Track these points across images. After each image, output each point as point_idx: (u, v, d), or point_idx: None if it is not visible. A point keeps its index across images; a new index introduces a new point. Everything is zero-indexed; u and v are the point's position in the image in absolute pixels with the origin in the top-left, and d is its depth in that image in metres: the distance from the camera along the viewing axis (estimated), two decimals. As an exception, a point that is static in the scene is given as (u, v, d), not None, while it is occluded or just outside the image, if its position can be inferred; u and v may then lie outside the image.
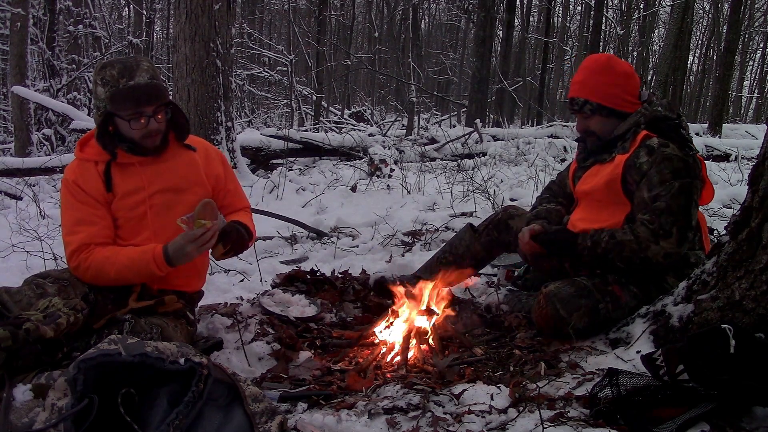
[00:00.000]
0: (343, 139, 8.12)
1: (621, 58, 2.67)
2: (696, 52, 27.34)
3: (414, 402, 1.74)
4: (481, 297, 2.94)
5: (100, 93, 2.06)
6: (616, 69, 2.35)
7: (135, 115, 2.07)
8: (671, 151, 2.22)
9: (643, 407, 1.58)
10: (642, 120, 2.32)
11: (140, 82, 2.04)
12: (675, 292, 2.06)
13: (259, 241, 3.88)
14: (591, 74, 2.36)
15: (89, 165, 2.16)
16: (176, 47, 5.26)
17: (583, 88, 2.37)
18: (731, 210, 2.35)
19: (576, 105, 2.40)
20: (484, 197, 4.96)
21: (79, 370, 1.30)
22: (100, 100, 2.07)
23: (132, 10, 18.14)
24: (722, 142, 8.82)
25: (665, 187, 2.19)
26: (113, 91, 2.03)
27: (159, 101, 2.10)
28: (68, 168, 2.20)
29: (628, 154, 2.28)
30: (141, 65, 2.08)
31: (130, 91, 2.03)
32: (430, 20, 27.33)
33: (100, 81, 2.05)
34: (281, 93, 18.77)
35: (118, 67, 2.05)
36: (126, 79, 2.03)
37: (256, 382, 1.98)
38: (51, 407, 1.29)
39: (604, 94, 2.34)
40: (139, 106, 2.06)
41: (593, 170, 2.43)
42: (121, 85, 2.03)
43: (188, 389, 1.36)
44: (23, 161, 6.25)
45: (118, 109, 2.06)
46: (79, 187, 2.14)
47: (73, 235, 2.11)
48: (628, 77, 2.37)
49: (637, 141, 2.28)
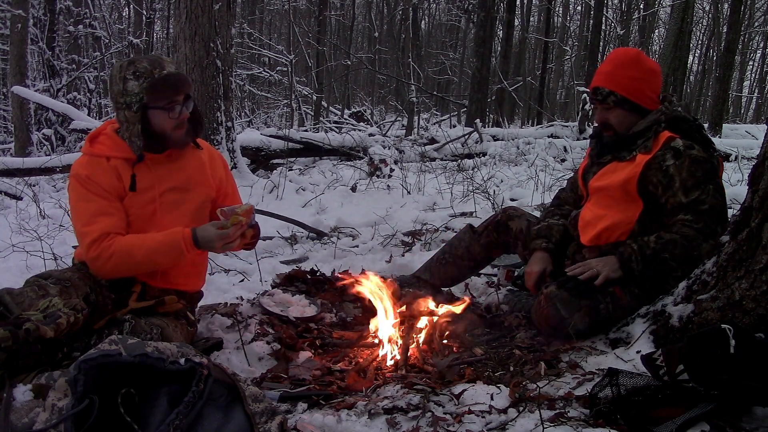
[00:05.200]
0: (343, 139, 8.12)
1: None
2: (696, 52, 27.36)
3: (414, 402, 1.74)
4: (481, 297, 2.94)
5: (133, 87, 2.07)
6: (644, 65, 2.34)
7: (172, 104, 2.12)
8: (698, 154, 2.21)
9: (643, 407, 1.58)
10: (662, 119, 2.30)
11: (172, 71, 2.12)
12: (675, 292, 2.06)
13: (259, 241, 3.87)
14: (619, 67, 2.33)
15: (101, 160, 2.17)
16: (176, 47, 5.26)
17: (610, 79, 2.34)
18: (731, 210, 2.35)
19: (600, 95, 2.36)
20: (484, 197, 4.96)
21: (79, 371, 1.30)
22: (134, 94, 2.08)
23: (132, 10, 18.14)
24: (722, 142, 8.82)
25: (702, 190, 2.19)
26: (150, 81, 2.07)
27: (189, 90, 2.17)
28: (78, 164, 2.20)
29: (650, 154, 2.26)
30: (164, 58, 2.17)
31: (167, 79, 2.09)
32: (430, 20, 27.34)
33: (132, 75, 2.07)
34: (281, 93, 18.78)
35: (147, 61, 2.11)
36: (159, 69, 2.09)
37: (256, 382, 1.99)
38: (51, 407, 1.29)
39: (630, 88, 2.31)
40: (177, 94, 2.12)
41: (611, 167, 2.39)
42: (157, 74, 2.08)
43: (188, 389, 1.36)
44: (23, 161, 6.24)
45: (157, 98, 2.09)
46: (93, 181, 2.14)
47: (92, 225, 2.10)
48: (655, 74, 2.35)
49: (660, 142, 2.26)
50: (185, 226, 2.16)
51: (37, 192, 5.48)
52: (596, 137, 2.52)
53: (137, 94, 2.08)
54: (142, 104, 2.09)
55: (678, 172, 2.20)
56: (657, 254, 2.19)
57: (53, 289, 1.93)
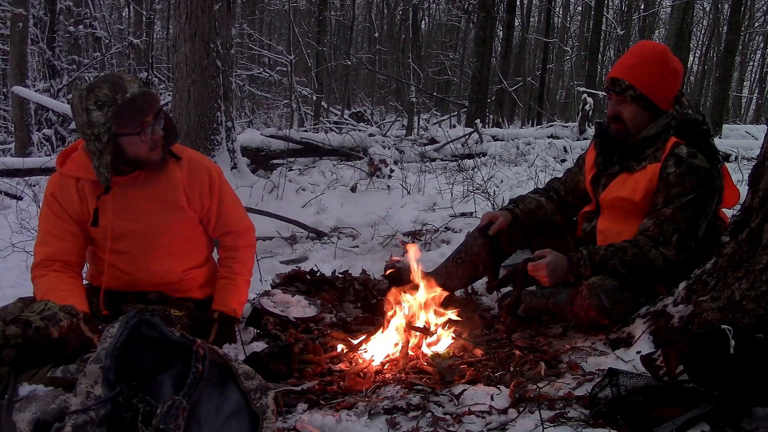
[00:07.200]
0: (343, 140, 8.10)
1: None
2: (696, 53, 27.34)
3: (414, 402, 1.74)
4: (482, 297, 2.94)
5: (98, 117, 1.95)
6: (670, 64, 2.28)
7: (143, 126, 2.01)
8: (699, 163, 2.19)
9: (643, 407, 1.58)
10: (673, 123, 2.26)
11: (135, 93, 1.99)
12: (675, 293, 2.06)
13: (259, 241, 3.88)
14: (644, 62, 2.26)
15: (70, 181, 2.14)
16: (176, 47, 5.25)
17: (632, 72, 2.26)
18: (731, 210, 2.35)
19: (618, 87, 2.29)
20: (484, 197, 4.95)
21: (111, 358, 1.40)
22: (100, 125, 1.96)
23: (132, 11, 18.13)
24: (722, 142, 8.81)
25: (679, 196, 2.18)
26: (115, 109, 1.95)
27: (157, 106, 2.06)
28: (50, 180, 2.20)
29: (660, 163, 2.24)
30: (124, 77, 2.02)
31: (133, 104, 1.97)
32: (430, 20, 27.31)
33: (95, 105, 1.95)
34: (281, 93, 18.76)
35: (107, 86, 1.97)
36: (121, 93, 1.96)
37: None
38: (86, 394, 1.36)
39: (651, 86, 2.25)
40: (146, 115, 2.01)
41: (620, 179, 2.36)
42: (120, 101, 1.96)
43: (188, 371, 1.44)
44: (23, 161, 6.23)
45: (125, 125, 1.98)
46: (56, 200, 2.13)
47: (41, 246, 2.14)
48: (677, 75, 2.30)
49: (667, 148, 2.23)
50: (161, 256, 2.18)
51: (38, 192, 5.47)
52: (600, 136, 2.48)
53: (104, 125, 1.96)
54: (111, 134, 1.97)
55: (674, 179, 2.20)
56: (606, 261, 2.23)
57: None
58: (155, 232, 2.19)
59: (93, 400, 1.34)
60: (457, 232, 4.11)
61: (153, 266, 2.21)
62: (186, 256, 2.30)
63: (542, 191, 2.75)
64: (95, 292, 2.23)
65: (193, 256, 2.34)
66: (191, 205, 2.23)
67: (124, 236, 2.16)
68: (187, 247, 2.30)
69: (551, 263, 2.28)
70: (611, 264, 2.23)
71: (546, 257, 2.31)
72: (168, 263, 2.24)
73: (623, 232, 2.34)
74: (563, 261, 2.29)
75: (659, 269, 2.20)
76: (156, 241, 2.20)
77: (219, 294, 2.32)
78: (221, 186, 2.31)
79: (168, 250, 2.23)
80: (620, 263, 2.22)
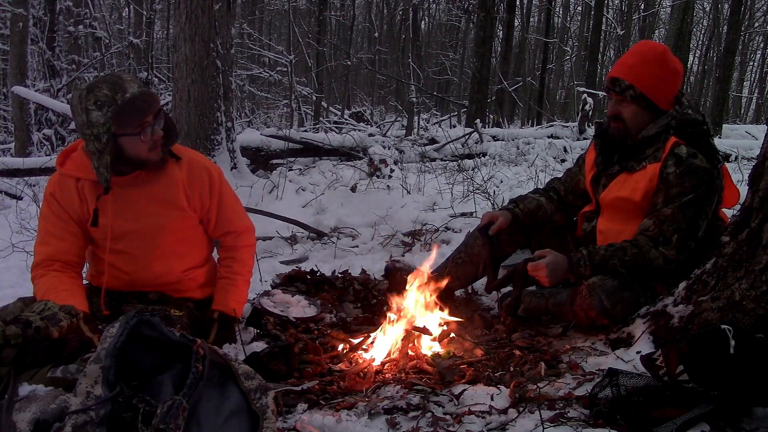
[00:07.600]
0: (343, 140, 8.10)
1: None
2: (696, 53, 27.34)
3: (414, 402, 1.74)
4: (482, 297, 2.94)
5: (98, 118, 1.95)
6: (670, 64, 2.28)
7: (143, 127, 2.01)
8: (699, 163, 2.19)
9: (643, 407, 1.58)
10: (673, 123, 2.27)
11: (135, 93, 1.99)
12: (675, 293, 2.06)
13: (259, 241, 3.88)
14: (644, 62, 2.27)
15: (70, 181, 2.14)
16: (176, 47, 5.25)
17: (632, 72, 2.27)
18: (731, 210, 2.36)
19: (618, 86, 2.29)
20: (484, 197, 4.96)
21: (111, 358, 1.40)
22: (99, 125, 1.95)
23: (132, 11, 18.13)
24: (722, 142, 8.81)
25: (679, 196, 2.18)
26: (115, 109, 1.95)
27: (157, 106, 2.06)
28: (50, 180, 2.20)
29: (660, 162, 2.24)
30: (123, 77, 2.02)
31: (132, 104, 1.97)
32: (430, 20, 27.31)
33: (94, 105, 1.94)
34: (281, 93, 18.76)
35: (107, 86, 1.96)
36: (121, 93, 1.96)
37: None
38: (86, 394, 1.36)
39: (651, 86, 2.26)
40: (146, 116, 2.00)
41: (620, 179, 2.36)
42: (120, 101, 1.95)
43: (188, 371, 1.44)
44: (23, 161, 6.23)
45: (125, 126, 1.98)
46: (56, 200, 2.13)
47: (42, 246, 2.15)
48: (677, 75, 2.31)
49: (667, 148, 2.23)
50: (161, 256, 2.17)
51: (37, 192, 5.47)
52: (600, 136, 2.48)
53: (104, 125, 1.95)
54: (110, 134, 1.97)
55: (674, 179, 2.20)
56: (606, 261, 2.24)
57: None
58: (155, 232, 2.19)
59: (93, 400, 1.34)
60: (457, 232, 4.12)
61: (153, 266, 2.21)
62: (186, 256, 2.30)
63: (542, 191, 2.75)
64: (95, 292, 2.23)
65: (193, 256, 2.34)
66: (191, 205, 2.23)
67: (124, 236, 2.16)
68: (187, 247, 2.30)
69: (551, 263, 2.29)
70: (611, 264, 2.23)
71: (546, 257, 2.31)
72: (168, 263, 2.24)
73: (623, 232, 2.34)
74: (563, 261, 2.29)
75: (659, 269, 2.21)
76: (156, 241, 2.20)
77: (219, 294, 2.32)
78: (221, 186, 2.31)
79: (168, 250, 2.23)
80: (620, 263, 2.22)
